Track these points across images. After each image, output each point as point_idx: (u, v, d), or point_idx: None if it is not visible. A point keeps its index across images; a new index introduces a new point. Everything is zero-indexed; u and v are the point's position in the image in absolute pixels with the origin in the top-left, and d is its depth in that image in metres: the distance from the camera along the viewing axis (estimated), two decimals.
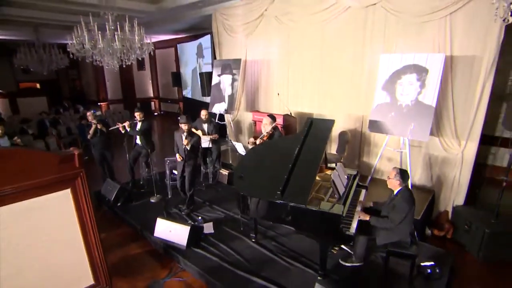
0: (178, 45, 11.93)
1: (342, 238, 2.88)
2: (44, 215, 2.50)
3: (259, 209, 3.23)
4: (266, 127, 4.15)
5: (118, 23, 5.48)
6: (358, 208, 3.31)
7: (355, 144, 5.23)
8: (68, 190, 2.63)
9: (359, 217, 3.12)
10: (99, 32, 5.30)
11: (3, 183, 2.19)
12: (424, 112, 3.85)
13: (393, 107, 4.11)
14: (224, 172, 5.66)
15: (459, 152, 4.22)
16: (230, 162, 6.21)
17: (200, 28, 9.64)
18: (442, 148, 4.33)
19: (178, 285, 3.44)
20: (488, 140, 5.60)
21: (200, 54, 9.67)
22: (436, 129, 4.31)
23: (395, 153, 4.68)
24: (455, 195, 4.38)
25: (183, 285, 3.44)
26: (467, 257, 3.90)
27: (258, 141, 4.12)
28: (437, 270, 3.28)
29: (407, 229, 3.07)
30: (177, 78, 12.06)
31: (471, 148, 4.16)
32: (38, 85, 14.15)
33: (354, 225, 3.02)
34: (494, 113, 4.62)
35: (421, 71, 3.87)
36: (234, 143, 4.56)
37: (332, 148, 5.41)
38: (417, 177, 4.74)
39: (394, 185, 3.12)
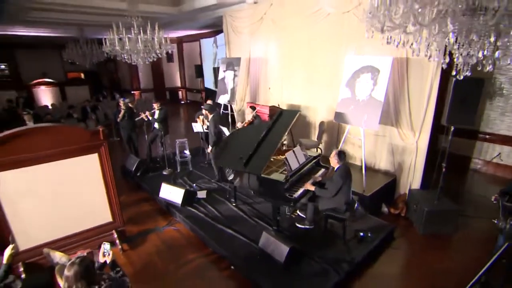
0: (201, 40, 13.08)
1: (286, 200, 3.84)
2: (80, 170, 3.73)
3: (243, 181, 4.22)
4: (247, 115, 5.12)
5: (141, 28, 6.66)
6: (310, 181, 4.21)
7: (333, 133, 6.04)
8: (96, 154, 3.84)
9: (305, 187, 4.04)
10: (127, 35, 6.52)
11: (54, 147, 3.43)
12: (375, 106, 4.60)
13: (353, 101, 4.89)
14: None
15: (414, 142, 4.91)
16: None
17: (217, 25, 10.68)
18: (400, 138, 5.05)
19: (173, 232, 4.61)
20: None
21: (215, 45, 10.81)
22: (395, 121, 5.03)
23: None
24: (411, 179, 5.09)
25: (177, 232, 4.61)
26: (412, 231, 4.64)
27: (239, 126, 5.13)
28: (369, 235, 4.11)
29: (342, 199, 3.89)
30: (199, 70, 13.26)
31: (424, 139, 4.82)
32: (82, 75, 16.14)
33: (299, 192, 3.96)
34: None
35: (374, 71, 4.62)
36: (222, 128, 5.60)
37: (314, 136, 6.28)
38: (382, 162, 5.49)
39: (334, 163, 3.95)
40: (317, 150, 5.93)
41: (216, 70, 8.30)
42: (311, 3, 5.78)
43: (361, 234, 4.11)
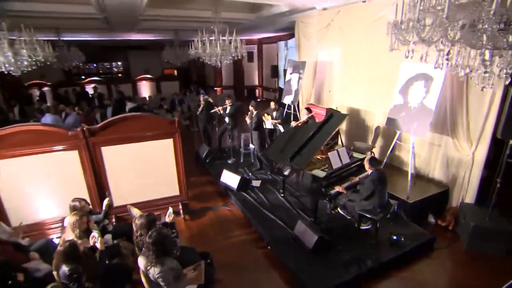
0: (278, 42, 13.80)
1: (322, 195, 4.26)
2: (158, 151, 4.82)
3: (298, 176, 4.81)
4: (303, 116, 5.62)
5: (220, 33, 7.67)
6: (345, 184, 4.50)
7: (388, 138, 6.05)
8: (171, 139, 4.89)
9: (337, 188, 4.37)
10: (209, 40, 7.63)
11: (142, 131, 4.56)
12: (425, 113, 4.58)
13: (405, 108, 4.92)
14: None
15: (470, 154, 4.70)
16: None
17: (292, 29, 11.24)
18: (455, 149, 4.88)
19: (226, 211, 5.46)
20: None
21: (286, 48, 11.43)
22: (451, 131, 4.88)
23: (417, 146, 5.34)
24: (464, 192, 4.88)
25: (229, 212, 5.44)
26: (456, 245, 4.52)
27: (293, 125, 5.67)
28: (403, 239, 4.22)
29: (376, 202, 4.12)
30: (275, 70, 14.02)
31: (482, 151, 4.59)
32: (175, 72, 18.62)
33: (335, 189, 4.33)
34: None
35: (428, 79, 4.59)
36: (279, 126, 6.19)
37: (371, 139, 6.38)
38: (436, 172, 5.34)
39: (368, 168, 4.20)
40: (371, 154, 6.06)
41: (285, 72, 8.92)
42: (375, 10, 5.89)
43: (394, 237, 4.25)
